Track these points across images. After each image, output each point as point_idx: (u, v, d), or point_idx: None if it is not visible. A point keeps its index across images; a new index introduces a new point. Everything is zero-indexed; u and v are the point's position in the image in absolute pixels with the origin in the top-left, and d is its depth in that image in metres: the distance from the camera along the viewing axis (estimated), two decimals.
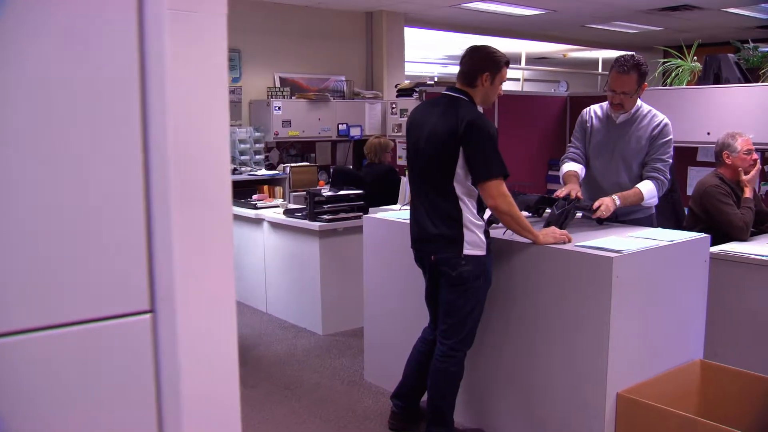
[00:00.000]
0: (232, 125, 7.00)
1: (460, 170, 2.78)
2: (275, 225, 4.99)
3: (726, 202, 3.90)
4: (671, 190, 4.62)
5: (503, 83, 2.93)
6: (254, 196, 5.65)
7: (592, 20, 8.54)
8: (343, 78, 7.77)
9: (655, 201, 3.37)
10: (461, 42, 11.06)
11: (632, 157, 3.36)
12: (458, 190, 2.81)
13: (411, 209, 3.03)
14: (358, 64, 7.97)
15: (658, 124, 3.32)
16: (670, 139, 3.33)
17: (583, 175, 3.47)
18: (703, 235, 3.07)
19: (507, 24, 8.72)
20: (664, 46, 5.81)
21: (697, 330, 3.08)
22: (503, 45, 10.89)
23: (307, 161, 7.46)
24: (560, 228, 3.00)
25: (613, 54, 12.16)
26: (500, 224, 3.12)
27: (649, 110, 3.38)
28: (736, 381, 2.94)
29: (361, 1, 7.36)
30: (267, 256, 5.15)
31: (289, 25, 7.31)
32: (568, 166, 3.46)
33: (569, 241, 2.82)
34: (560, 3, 7.43)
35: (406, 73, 11.77)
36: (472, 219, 2.82)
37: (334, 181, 6.11)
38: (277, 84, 7.29)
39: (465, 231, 2.80)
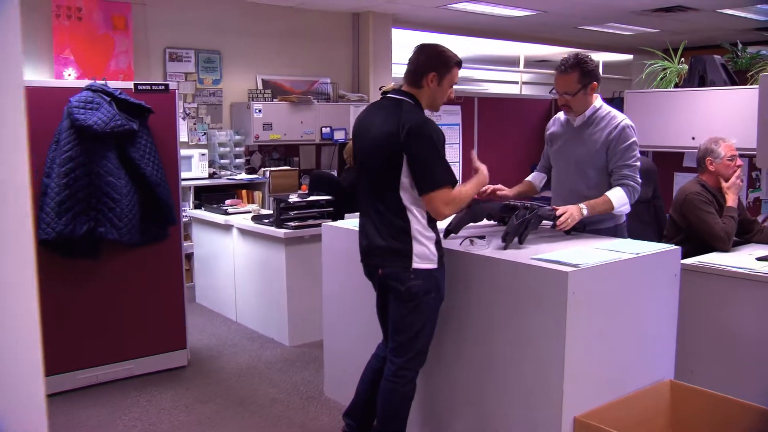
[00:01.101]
0: (212, 128, 6.84)
1: (405, 179, 2.60)
2: (244, 232, 4.82)
3: (707, 210, 3.71)
4: (654, 197, 4.45)
5: (453, 86, 2.74)
6: (227, 201, 5.48)
7: (584, 22, 8.33)
8: (329, 80, 7.60)
9: (627, 209, 3.17)
10: (459, 44, 10.92)
11: (587, 163, 3.16)
12: (405, 199, 2.63)
13: (360, 220, 2.86)
14: (344, 66, 7.79)
15: (615, 127, 3.09)
16: (633, 141, 3.11)
17: (541, 184, 3.38)
18: (673, 247, 2.88)
19: (498, 25, 8.53)
20: (659, 49, 5.61)
21: (667, 348, 2.88)
22: (500, 47, 10.81)
23: (289, 165, 7.30)
24: (521, 239, 2.82)
25: (613, 57, 11.99)
26: (458, 235, 2.95)
27: (608, 112, 3.17)
28: (707, 403, 2.74)
29: (348, 2, 7.20)
30: (237, 263, 4.98)
31: (272, 26, 7.14)
32: (531, 176, 3.39)
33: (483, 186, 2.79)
34: (550, 4, 7.24)
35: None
36: (422, 230, 2.64)
37: (312, 186, 5.94)
38: (260, 86, 7.12)
39: (414, 243, 2.62)
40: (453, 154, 4.97)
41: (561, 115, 3.34)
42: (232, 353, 4.35)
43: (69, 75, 5.77)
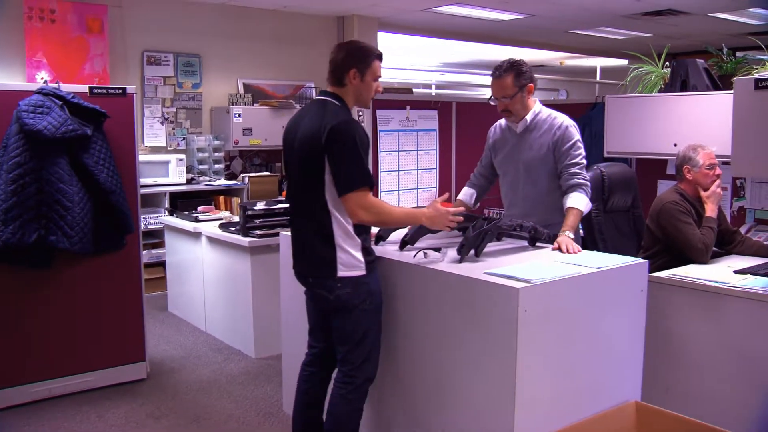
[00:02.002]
0: (191, 133, 6.71)
1: (329, 182, 2.51)
2: (212, 240, 4.69)
3: (684, 220, 3.55)
4: (633, 206, 4.29)
5: (377, 79, 2.66)
6: (200, 208, 5.35)
7: (575, 26, 8.20)
8: (312, 84, 7.47)
9: (591, 207, 3.21)
10: (457, 49, 10.76)
11: (536, 168, 3.16)
12: (330, 204, 2.53)
13: (291, 227, 2.75)
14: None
15: (558, 127, 3.11)
16: (577, 140, 3.13)
17: (472, 200, 3.40)
18: (639, 260, 2.72)
19: (486, 29, 8.40)
20: (643, 55, 5.46)
21: (633, 368, 2.73)
22: (496, 52, 10.66)
23: (271, 171, 7.16)
24: (477, 251, 2.68)
25: (610, 62, 11.84)
26: (414, 246, 2.81)
27: (549, 114, 3.18)
28: (673, 426, 2.58)
29: (332, 5, 7.07)
30: (205, 272, 4.84)
31: (254, 30, 7.02)
32: (461, 194, 3.42)
33: (453, 225, 2.60)
34: (537, 7, 7.11)
35: (399, 80, 11.52)
36: (345, 236, 2.54)
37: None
38: (241, 90, 7.00)
39: (338, 250, 2.53)
40: (429, 161, 4.82)
41: (502, 122, 3.33)
42: (195, 366, 4.20)
43: (42, 78, 5.65)
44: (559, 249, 2.83)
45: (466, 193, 3.43)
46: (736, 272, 3.26)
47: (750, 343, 2.92)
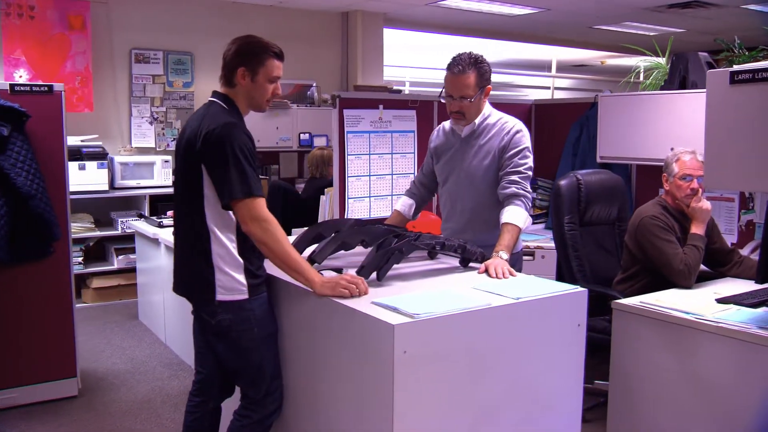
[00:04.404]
0: None
1: (209, 192, 2.20)
2: (168, 247, 4.41)
3: (664, 238, 3.08)
4: (619, 218, 3.80)
5: (274, 81, 2.31)
6: (169, 213, 5.09)
7: (596, 21, 7.64)
8: (314, 83, 7.16)
9: (530, 222, 2.78)
10: (489, 48, 10.26)
11: (479, 177, 2.76)
12: (209, 220, 2.21)
13: (174, 242, 2.43)
14: (332, 69, 7.34)
15: (507, 132, 2.72)
16: (525, 147, 2.72)
17: (410, 211, 3.00)
18: (578, 289, 2.28)
19: (499, 25, 7.92)
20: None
21: (568, 417, 2.29)
22: (527, 50, 10.11)
23: (267, 173, 6.88)
24: (379, 274, 2.29)
25: (628, 60, 11.14)
26: (323, 265, 2.44)
27: (500, 118, 2.78)
28: None
29: (335, 1, 6.75)
30: (166, 280, 4.58)
31: (250, 26, 6.72)
32: (398, 204, 3.05)
33: (362, 294, 2.10)
34: (551, 1, 6.61)
35: (412, 79, 11.12)
36: (225, 256, 2.21)
37: (269, 197, 5.50)
38: None
39: (216, 271, 2.21)
40: (406, 165, 4.44)
41: (446, 125, 2.90)
42: (137, 382, 3.93)
43: (20, 77, 5.52)
44: (487, 272, 2.42)
45: (405, 204, 3.04)
46: (719, 301, 2.77)
47: (723, 384, 2.44)
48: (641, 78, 5.04)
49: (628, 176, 4.56)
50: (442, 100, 2.77)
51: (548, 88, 13.42)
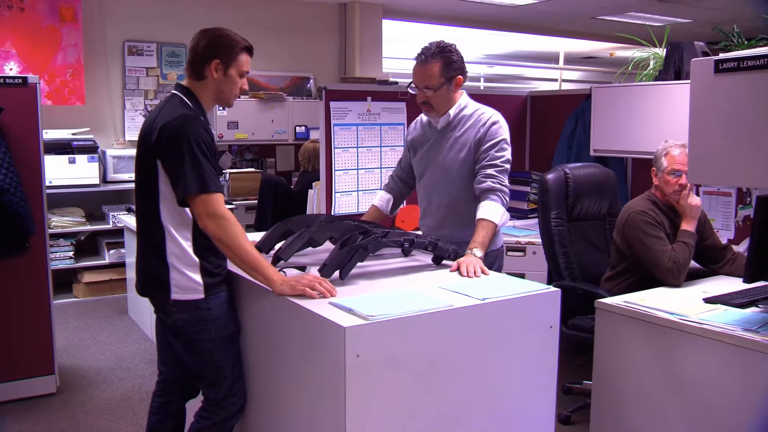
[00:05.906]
0: None
1: (164, 188, 2.12)
2: None
3: (653, 234, 2.96)
4: (610, 213, 3.67)
5: (243, 75, 2.25)
6: None
7: (600, 11, 7.47)
8: (311, 76, 7.07)
9: (508, 217, 2.66)
10: (499, 41, 10.08)
11: (455, 171, 2.65)
12: (163, 217, 2.14)
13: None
14: (329, 61, 7.23)
15: (483, 124, 2.61)
16: (502, 139, 2.61)
17: (388, 206, 2.91)
18: (550, 289, 2.17)
19: (502, 15, 7.77)
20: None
21: (539, 423, 2.19)
22: (539, 42, 9.92)
23: (262, 167, 6.81)
24: (342, 273, 2.20)
25: (628, 52, 10.93)
26: (288, 263, 2.35)
27: (477, 109, 2.68)
28: None
29: None
30: None
31: (246, 18, 6.65)
32: (376, 199, 2.95)
33: (326, 294, 2.00)
34: None
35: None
36: (180, 254, 2.14)
37: (260, 191, 5.43)
38: None
39: (171, 270, 2.14)
40: (396, 158, 4.33)
41: (423, 117, 2.80)
42: (117, 379, 3.87)
43: (11, 69, 5.47)
44: (459, 271, 2.32)
45: (383, 199, 2.94)
46: (707, 300, 2.66)
47: (706, 386, 2.33)
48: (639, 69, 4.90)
49: (625, 170, 4.43)
50: (411, 91, 2.67)
51: (556, 80, 13.26)
